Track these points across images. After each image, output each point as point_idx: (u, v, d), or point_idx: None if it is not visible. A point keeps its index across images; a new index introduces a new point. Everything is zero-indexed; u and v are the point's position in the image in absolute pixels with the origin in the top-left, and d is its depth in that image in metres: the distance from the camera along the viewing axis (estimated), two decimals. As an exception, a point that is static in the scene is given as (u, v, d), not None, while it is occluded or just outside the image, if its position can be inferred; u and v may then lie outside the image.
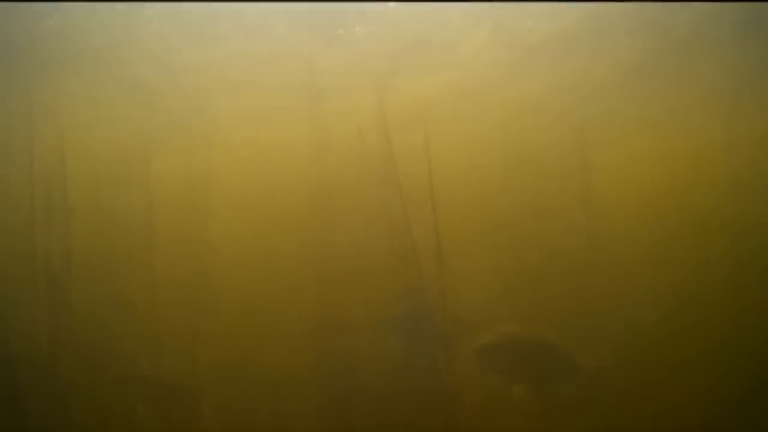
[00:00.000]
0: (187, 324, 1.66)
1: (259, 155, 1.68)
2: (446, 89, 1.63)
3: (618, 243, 1.60)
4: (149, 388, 1.63)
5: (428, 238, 1.61)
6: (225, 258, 1.68)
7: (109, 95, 1.72)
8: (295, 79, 1.68)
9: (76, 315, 1.67)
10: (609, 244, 1.60)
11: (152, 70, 1.70)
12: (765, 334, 1.53)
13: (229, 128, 1.70)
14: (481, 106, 1.63)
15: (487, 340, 1.58)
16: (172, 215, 1.70)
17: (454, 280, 1.61)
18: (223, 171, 1.70)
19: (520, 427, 1.56)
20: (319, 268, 1.66)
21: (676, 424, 1.53)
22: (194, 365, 1.64)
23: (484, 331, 1.59)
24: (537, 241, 1.61)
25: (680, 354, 1.54)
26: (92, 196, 1.72)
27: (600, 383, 1.54)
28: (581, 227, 1.62)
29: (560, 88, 1.61)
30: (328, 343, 1.63)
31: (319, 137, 1.68)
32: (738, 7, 1.59)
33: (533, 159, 1.63)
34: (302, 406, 1.62)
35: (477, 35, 1.62)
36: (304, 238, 1.66)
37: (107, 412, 1.63)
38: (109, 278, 1.68)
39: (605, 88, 1.62)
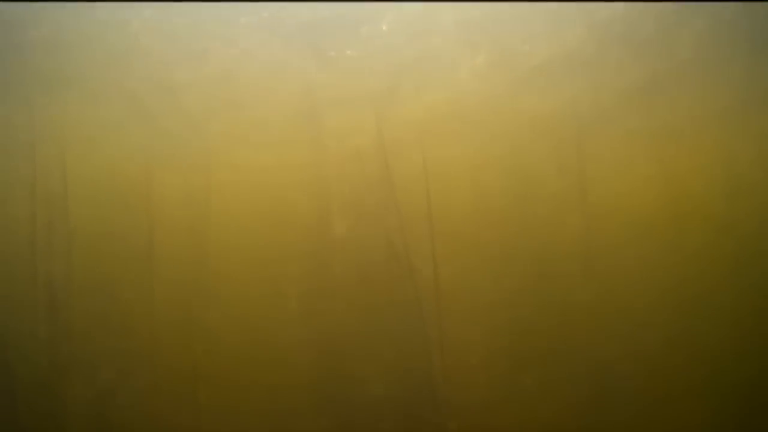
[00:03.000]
0: (187, 346, 1.67)
1: (258, 176, 1.69)
2: (444, 112, 1.63)
3: (616, 263, 1.61)
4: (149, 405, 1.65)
5: (425, 261, 1.62)
6: (225, 280, 1.69)
7: (108, 115, 1.73)
8: (293, 97, 1.68)
9: (76, 336, 1.68)
10: (607, 263, 1.61)
11: (147, 89, 1.71)
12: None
13: (228, 149, 1.70)
14: (479, 129, 1.63)
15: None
16: (172, 237, 1.71)
17: (451, 298, 1.62)
18: (223, 192, 1.70)
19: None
20: (318, 290, 1.66)
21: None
22: (194, 386, 1.65)
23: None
24: (535, 262, 1.61)
25: (683, 375, 1.57)
26: (93, 218, 1.72)
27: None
28: (580, 251, 1.61)
29: (559, 112, 1.61)
30: (327, 367, 1.64)
31: (318, 159, 1.68)
32: (740, 26, 1.58)
33: (532, 181, 1.62)
34: (302, 424, 1.63)
35: (474, 59, 1.61)
36: (303, 259, 1.67)
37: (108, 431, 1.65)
38: (109, 299, 1.69)
39: (605, 110, 1.61)
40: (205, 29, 1.66)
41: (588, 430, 1.59)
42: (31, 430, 1.65)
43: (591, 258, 1.61)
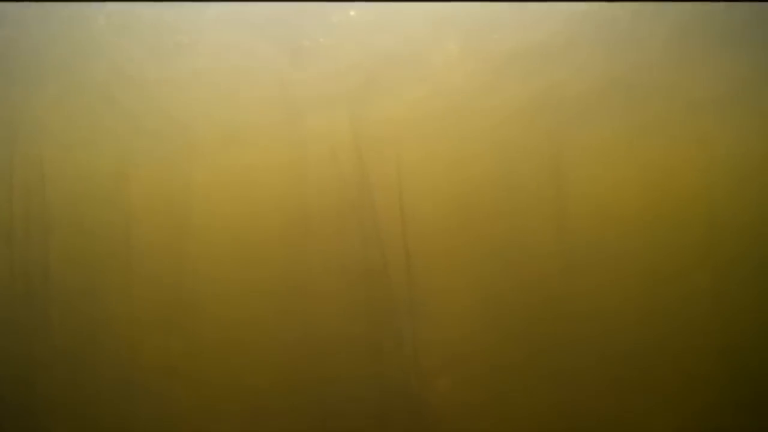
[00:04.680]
0: (164, 344, 1.67)
1: (236, 173, 1.67)
2: (417, 104, 1.59)
3: (594, 261, 1.57)
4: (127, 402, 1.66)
5: (398, 259, 1.59)
6: (202, 276, 1.68)
7: (83, 112, 1.71)
8: (268, 95, 1.65)
9: (53, 332, 1.69)
10: (584, 261, 1.57)
11: (120, 86, 1.68)
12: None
13: (205, 146, 1.68)
14: (453, 120, 1.59)
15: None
16: (149, 233, 1.70)
17: (424, 297, 1.60)
18: (200, 189, 1.69)
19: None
20: (295, 287, 1.65)
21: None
22: (171, 385, 1.66)
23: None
24: (511, 259, 1.58)
25: (664, 382, 1.54)
26: (71, 214, 1.72)
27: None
28: (555, 243, 1.58)
29: (534, 102, 1.56)
30: (304, 362, 1.63)
31: (295, 155, 1.65)
32: (714, 19, 1.51)
33: (507, 177, 1.58)
34: (279, 425, 1.63)
35: (446, 48, 1.55)
36: (280, 257, 1.66)
37: (85, 427, 1.66)
38: (86, 295, 1.69)
39: (581, 101, 1.56)
40: (171, 24, 1.62)
41: (567, 430, 1.57)
42: (7, 421, 1.66)
43: (568, 254, 1.57)
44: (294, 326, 1.64)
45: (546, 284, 1.57)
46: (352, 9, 1.55)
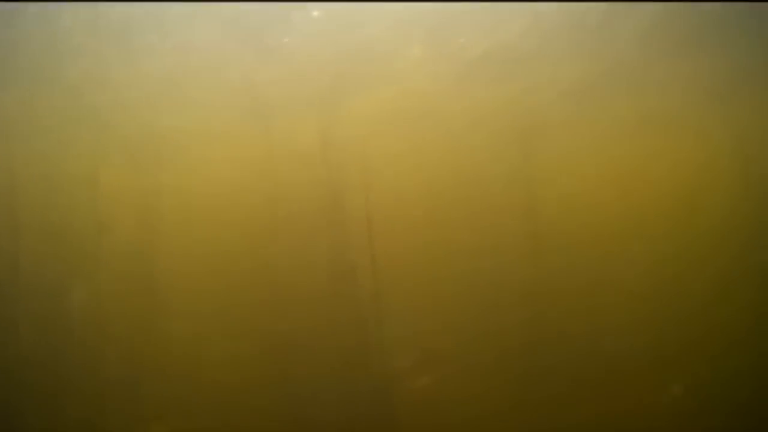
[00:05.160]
0: (134, 342, 1.66)
1: (205, 174, 1.66)
2: (385, 105, 1.58)
3: (564, 263, 1.56)
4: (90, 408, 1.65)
5: (365, 260, 1.58)
6: (173, 276, 1.68)
7: (52, 112, 1.70)
8: (235, 95, 1.64)
9: (20, 337, 1.68)
10: (555, 263, 1.56)
11: (89, 87, 1.67)
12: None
13: (174, 147, 1.67)
14: (421, 122, 1.58)
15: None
16: (120, 234, 1.70)
17: (391, 299, 1.59)
18: (170, 190, 1.68)
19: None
20: (263, 288, 1.64)
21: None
22: (140, 381, 1.65)
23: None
24: (478, 262, 1.57)
25: (643, 381, 1.53)
26: (40, 216, 1.72)
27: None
28: (525, 245, 1.57)
29: (503, 105, 1.55)
30: (272, 361, 1.63)
31: (262, 156, 1.64)
32: (684, 20, 1.50)
33: (475, 175, 1.57)
34: (247, 420, 1.63)
35: (410, 51, 1.54)
36: (248, 257, 1.65)
37: (56, 426, 1.66)
38: (56, 298, 1.69)
39: (551, 105, 1.55)
40: (136, 22, 1.61)
41: (535, 429, 1.56)
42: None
43: (536, 256, 1.56)
44: (261, 326, 1.64)
45: (516, 287, 1.56)
46: (316, 9, 1.54)
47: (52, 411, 1.65)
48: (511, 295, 1.56)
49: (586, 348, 1.55)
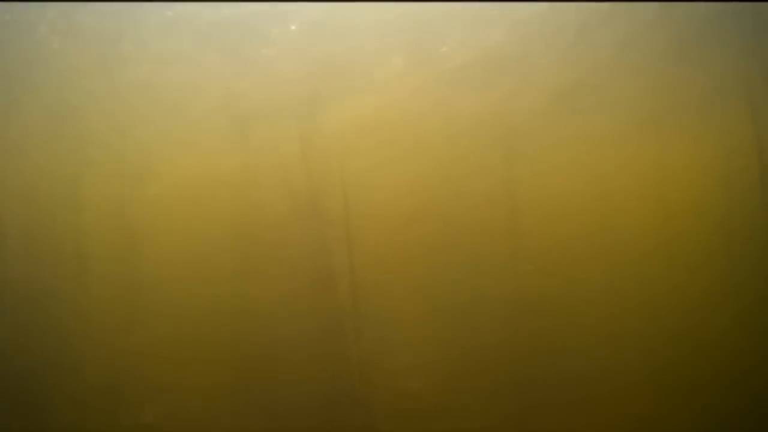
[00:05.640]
0: (114, 346, 1.67)
1: (185, 183, 1.66)
2: (365, 115, 1.58)
3: (546, 271, 1.57)
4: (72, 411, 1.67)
5: (343, 268, 1.60)
6: (153, 282, 1.68)
7: (32, 120, 1.70)
8: (214, 105, 1.64)
9: (2, 343, 1.68)
10: (536, 272, 1.57)
11: (68, 96, 1.66)
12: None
13: (153, 155, 1.67)
14: (401, 131, 1.58)
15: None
16: (101, 241, 1.70)
17: (369, 307, 1.60)
18: (150, 198, 1.68)
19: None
20: (243, 294, 1.65)
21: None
22: (120, 384, 1.66)
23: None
24: (459, 270, 1.58)
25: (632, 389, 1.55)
26: (23, 225, 1.71)
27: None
28: (506, 255, 1.58)
29: (482, 114, 1.55)
30: (250, 366, 1.65)
31: (242, 165, 1.64)
32: (664, 29, 1.50)
33: (455, 185, 1.58)
34: (224, 423, 1.64)
35: (392, 60, 1.54)
36: (228, 264, 1.66)
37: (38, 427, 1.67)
38: (37, 303, 1.69)
39: (532, 113, 1.55)
40: (113, 31, 1.60)
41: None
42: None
43: (518, 265, 1.57)
44: (241, 333, 1.65)
45: (497, 296, 1.57)
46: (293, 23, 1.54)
47: (33, 414, 1.67)
48: (491, 304, 1.58)
49: (568, 359, 1.56)
